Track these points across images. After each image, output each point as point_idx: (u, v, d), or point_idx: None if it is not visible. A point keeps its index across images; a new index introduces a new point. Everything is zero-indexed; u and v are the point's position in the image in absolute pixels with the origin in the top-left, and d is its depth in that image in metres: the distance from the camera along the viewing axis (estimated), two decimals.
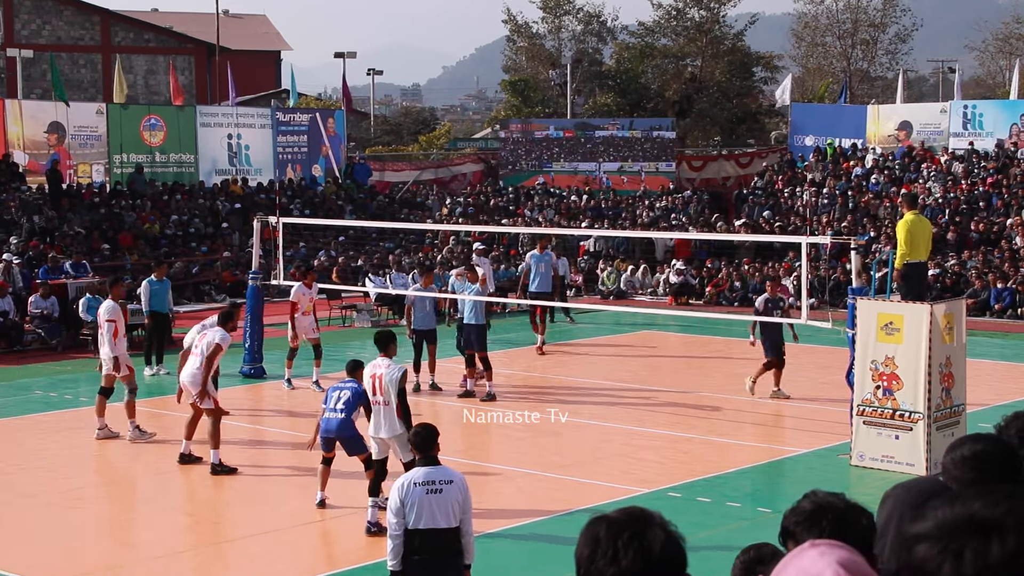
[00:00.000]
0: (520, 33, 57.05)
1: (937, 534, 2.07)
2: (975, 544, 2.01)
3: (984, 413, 15.70)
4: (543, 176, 42.80)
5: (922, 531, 2.09)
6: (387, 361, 11.91)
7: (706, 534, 11.33)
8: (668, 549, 2.64)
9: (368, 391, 11.85)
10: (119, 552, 11.66)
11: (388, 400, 11.67)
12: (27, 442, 16.68)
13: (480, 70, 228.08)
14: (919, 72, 79.23)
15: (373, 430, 11.81)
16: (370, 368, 11.98)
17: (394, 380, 11.70)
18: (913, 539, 2.09)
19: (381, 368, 11.83)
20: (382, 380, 11.71)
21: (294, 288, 19.95)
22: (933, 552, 2.05)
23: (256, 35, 69.07)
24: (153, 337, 21.51)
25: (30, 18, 54.18)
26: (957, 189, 34.73)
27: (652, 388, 19.76)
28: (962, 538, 2.03)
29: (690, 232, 34.27)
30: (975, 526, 2.05)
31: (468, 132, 79.92)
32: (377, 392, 11.74)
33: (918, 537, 2.09)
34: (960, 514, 2.07)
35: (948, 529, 2.06)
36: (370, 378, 11.85)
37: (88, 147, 35.77)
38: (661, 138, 43.34)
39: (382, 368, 11.82)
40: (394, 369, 11.80)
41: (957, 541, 2.03)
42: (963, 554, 2.00)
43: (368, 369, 12.01)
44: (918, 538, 2.09)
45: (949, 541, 2.04)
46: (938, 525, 2.08)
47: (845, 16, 57.43)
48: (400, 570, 8.25)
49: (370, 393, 11.82)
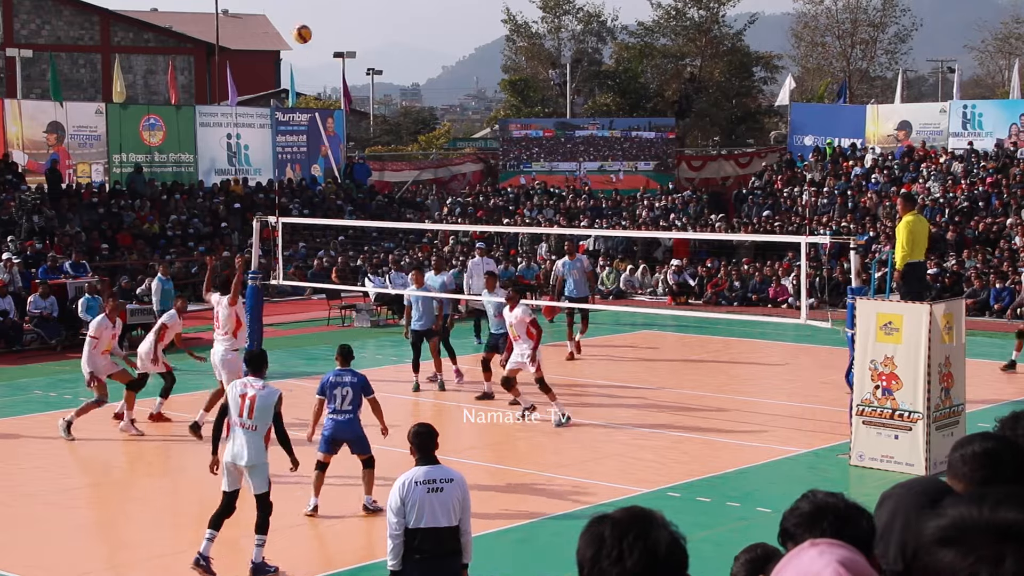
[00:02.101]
0: (520, 33, 57.02)
1: (967, 540, 2.00)
2: (1016, 551, 1.95)
3: (983, 413, 15.70)
4: (524, 177, 42.86)
5: (947, 535, 2.02)
6: (260, 382, 10.91)
7: (706, 534, 11.33)
8: (672, 549, 2.65)
9: (234, 412, 10.78)
10: (119, 552, 11.65)
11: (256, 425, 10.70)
12: (27, 442, 16.68)
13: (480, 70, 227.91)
14: (918, 72, 79.20)
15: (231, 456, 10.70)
16: (238, 387, 10.93)
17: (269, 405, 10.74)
18: (936, 543, 2.03)
19: (254, 388, 10.81)
20: (254, 402, 10.69)
21: (94, 322, 16.99)
22: (964, 560, 1.97)
23: (256, 35, 69.02)
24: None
25: (29, 18, 54.15)
26: (957, 189, 34.73)
27: (652, 388, 19.76)
28: (998, 545, 1.97)
29: (690, 232, 34.28)
30: (1012, 533, 2.00)
31: (468, 132, 79.92)
32: (245, 415, 10.69)
33: (943, 541, 2.02)
34: (991, 520, 2.00)
35: (979, 536, 2.00)
36: (239, 398, 10.76)
37: (87, 147, 35.76)
38: (639, 138, 43.39)
39: (255, 389, 10.81)
40: (269, 392, 10.83)
41: (992, 548, 1.97)
42: (1004, 562, 1.94)
43: (236, 388, 10.94)
44: (943, 542, 2.02)
45: (984, 548, 1.97)
46: (964, 529, 2.01)
47: (844, 16, 57.41)
48: (400, 569, 8.25)
49: (235, 415, 10.74)
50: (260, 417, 10.65)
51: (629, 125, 44.56)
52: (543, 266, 31.07)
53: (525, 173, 43.11)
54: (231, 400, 10.81)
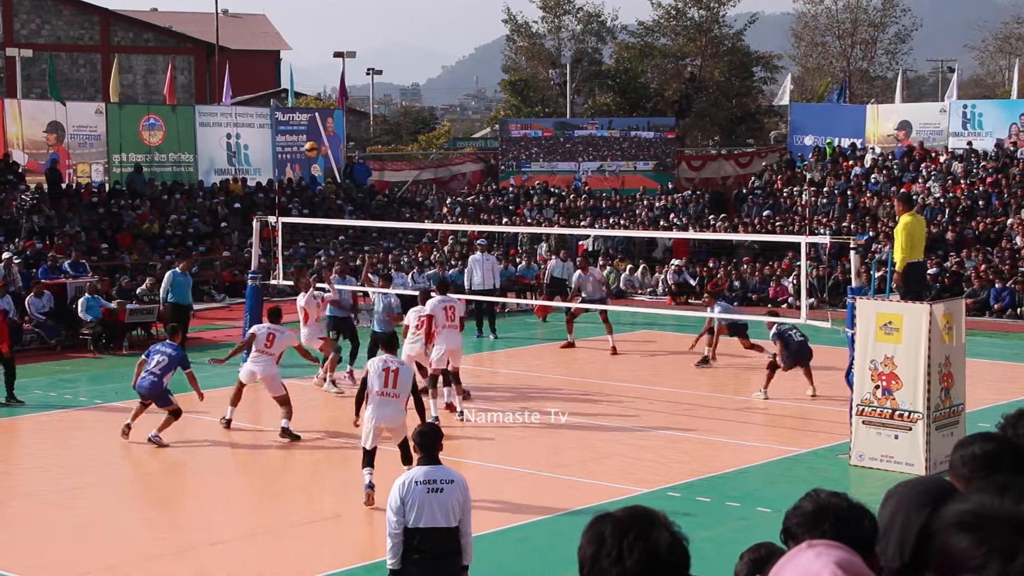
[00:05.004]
0: (520, 33, 57.02)
1: (984, 529, 1.97)
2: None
3: (983, 413, 15.69)
4: (514, 177, 42.87)
5: (965, 521, 2.00)
6: (396, 358, 12.87)
7: (706, 534, 11.33)
8: (673, 549, 2.64)
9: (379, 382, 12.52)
10: (119, 552, 11.65)
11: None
12: (27, 442, 16.69)
13: (480, 70, 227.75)
14: (918, 72, 79.21)
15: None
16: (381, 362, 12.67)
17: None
18: (954, 526, 2.01)
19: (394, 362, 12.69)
20: (398, 374, 12.50)
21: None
22: (978, 549, 1.96)
23: (256, 35, 69.00)
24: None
25: (29, 18, 54.14)
26: (956, 189, 34.73)
27: (652, 388, 19.76)
28: (1014, 539, 1.94)
29: (690, 232, 34.28)
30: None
31: (467, 132, 79.93)
32: (389, 384, 12.46)
33: (960, 525, 2.00)
34: (1012, 512, 1.97)
35: (997, 526, 1.97)
36: (383, 371, 12.52)
37: (87, 147, 35.76)
38: (639, 138, 43.40)
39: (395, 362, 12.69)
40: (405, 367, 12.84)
41: (1008, 541, 1.95)
42: (1016, 557, 1.91)
43: (379, 362, 12.68)
44: (960, 527, 2.00)
45: (999, 540, 1.95)
46: (983, 517, 1.98)
47: (845, 16, 57.41)
48: (399, 569, 8.25)
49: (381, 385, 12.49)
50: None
51: (629, 125, 44.55)
52: (543, 266, 31.08)
53: (523, 173, 43.09)
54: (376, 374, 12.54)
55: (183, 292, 22.86)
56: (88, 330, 23.82)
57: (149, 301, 24.91)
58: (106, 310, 23.97)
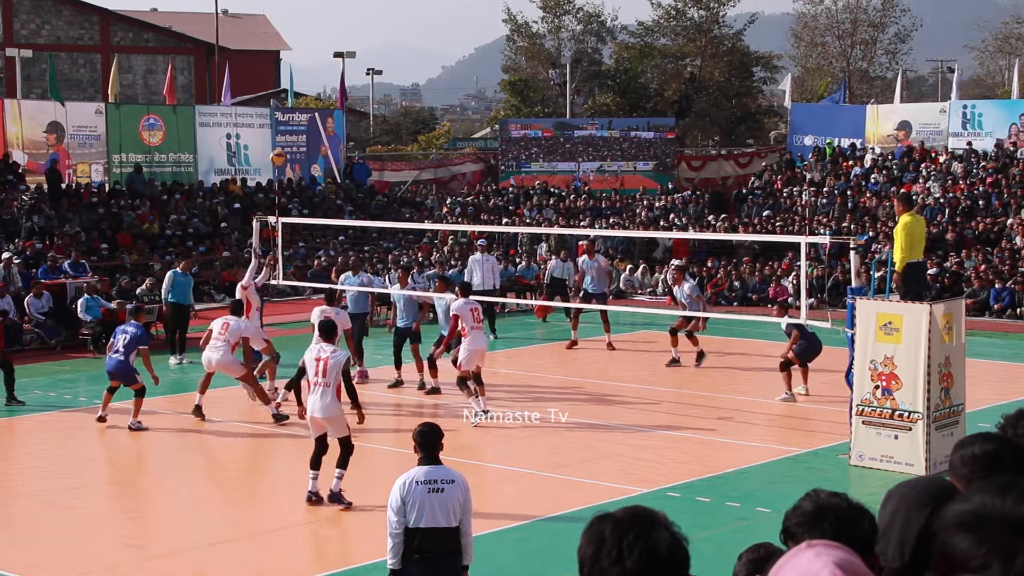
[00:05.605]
0: (520, 33, 57.02)
1: (985, 529, 1.97)
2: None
3: (983, 413, 15.69)
4: (514, 177, 42.86)
5: (966, 521, 2.00)
6: (331, 346, 12.70)
7: (706, 534, 11.33)
8: (672, 550, 2.64)
9: (310, 372, 12.56)
10: (119, 552, 11.65)
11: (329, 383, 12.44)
12: (27, 442, 16.70)
13: (479, 70, 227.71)
14: (918, 72, 79.22)
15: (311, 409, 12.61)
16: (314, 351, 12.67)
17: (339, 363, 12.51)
18: (955, 526, 2.00)
19: (326, 352, 12.58)
20: (327, 363, 12.45)
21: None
22: (979, 549, 1.95)
23: (255, 35, 69.00)
24: (177, 327, 22.61)
25: (29, 18, 54.14)
26: (956, 189, 34.73)
27: (652, 388, 19.76)
28: (1015, 539, 1.94)
29: (690, 232, 34.27)
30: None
31: (467, 132, 79.92)
32: (319, 374, 12.46)
33: (962, 525, 2.00)
34: (1013, 513, 1.97)
35: (997, 526, 1.96)
36: (314, 360, 12.55)
37: (87, 147, 35.74)
38: (639, 138, 43.39)
39: (326, 352, 12.58)
40: (339, 354, 12.65)
41: (1008, 541, 1.94)
42: (1017, 557, 1.91)
43: (312, 352, 12.70)
44: (961, 527, 2.00)
45: (1000, 540, 1.95)
46: (984, 517, 1.97)
47: (844, 16, 57.41)
48: (399, 569, 8.25)
49: (312, 375, 12.53)
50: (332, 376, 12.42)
51: (628, 125, 44.54)
52: (543, 266, 31.08)
53: (523, 173, 43.08)
54: (308, 362, 12.64)
55: (184, 292, 22.94)
56: (88, 330, 23.83)
57: (149, 301, 24.89)
58: (106, 310, 23.98)
